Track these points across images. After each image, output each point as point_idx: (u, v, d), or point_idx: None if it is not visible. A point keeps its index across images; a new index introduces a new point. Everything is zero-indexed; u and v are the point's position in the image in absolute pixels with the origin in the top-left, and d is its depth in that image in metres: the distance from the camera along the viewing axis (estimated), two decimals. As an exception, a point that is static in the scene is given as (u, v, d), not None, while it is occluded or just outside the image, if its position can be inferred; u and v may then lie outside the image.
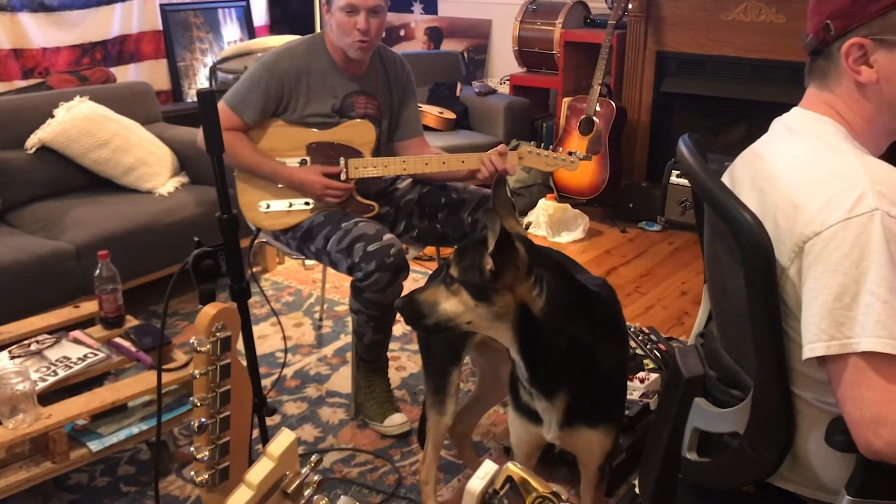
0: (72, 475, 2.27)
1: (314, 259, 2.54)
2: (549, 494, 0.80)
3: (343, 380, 2.82)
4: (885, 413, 1.05)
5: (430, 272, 3.67)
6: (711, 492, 1.46)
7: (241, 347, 1.63)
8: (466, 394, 2.57)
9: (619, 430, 1.75)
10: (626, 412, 2.25)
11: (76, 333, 2.37)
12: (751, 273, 1.16)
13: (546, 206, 4.25)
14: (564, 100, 4.61)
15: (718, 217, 1.24)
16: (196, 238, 1.31)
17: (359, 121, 2.52)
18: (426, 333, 1.78)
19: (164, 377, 2.17)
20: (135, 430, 2.15)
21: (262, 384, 1.95)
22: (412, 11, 5.82)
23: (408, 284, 2.44)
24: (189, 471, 2.22)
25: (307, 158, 2.50)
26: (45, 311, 2.58)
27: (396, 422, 2.49)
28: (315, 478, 0.76)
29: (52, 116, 3.36)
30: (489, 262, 1.42)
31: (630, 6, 4.40)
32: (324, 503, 0.77)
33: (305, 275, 3.74)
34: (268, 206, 2.51)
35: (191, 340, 0.92)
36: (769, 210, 1.19)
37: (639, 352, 2.66)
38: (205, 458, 0.91)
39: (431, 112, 4.62)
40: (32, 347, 2.27)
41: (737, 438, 1.29)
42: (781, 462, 1.23)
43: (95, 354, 2.25)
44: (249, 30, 5.58)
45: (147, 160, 3.44)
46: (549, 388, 1.55)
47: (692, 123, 4.62)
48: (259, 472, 0.71)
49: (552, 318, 1.47)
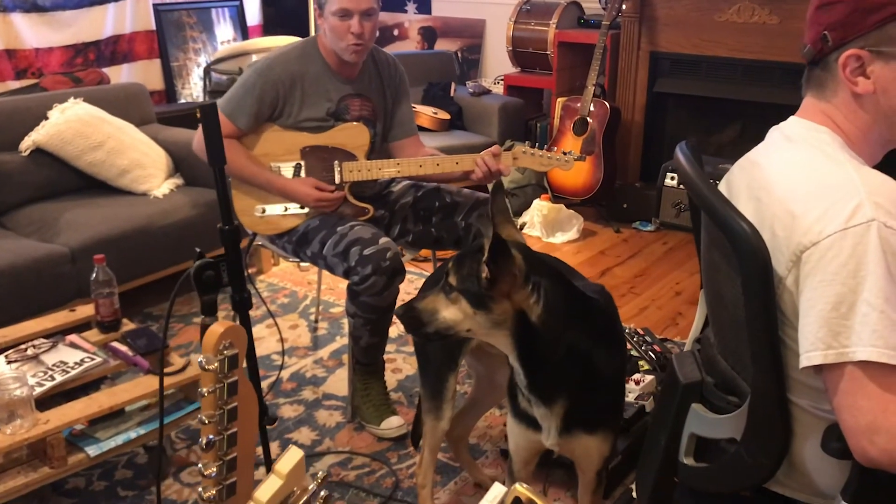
0: (69, 479, 2.27)
1: (310, 263, 2.54)
2: None
3: (339, 382, 2.83)
4: (881, 421, 1.06)
5: (425, 273, 3.70)
6: (708, 496, 1.46)
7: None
8: (462, 396, 2.58)
9: (617, 436, 1.75)
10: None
11: (73, 337, 2.37)
12: (748, 282, 1.17)
13: (540, 207, 4.26)
14: (558, 100, 4.61)
15: (716, 226, 1.25)
16: (198, 249, 1.32)
17: (352, 124, 2.52)
18: (426, 341, 1.78)
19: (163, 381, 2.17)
20: (132, 435, 2.15)
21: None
22: (406, 11, 5.82)
23: (403, 286, 2.45)
24: (197, 488, 2.22)
25: (301, 162, 2.50)
26: (41, 315, 2.59)
27: (393, 425, 2.50)
28: (322, 493, 0.76)
29: (47, 118, 3.35)
30: (485, 270, 1.43)
31: (624, 7, 4.41)
32: None
33: (301, 276, 3.74)
34: (263, 211, 2.51)
35: (199, 360, 0.93)
36: (766, 219, 1.20)
37: (634, 353, 2.67)
38: (212, 475, 0.92)
39: (426, 112, 4.62)
40: (29, 352, 2.26)
41: (734, 444, 1.30)
42: (778, 468, 1.24)
43: (92, 359, 2.25)
44: (243, 29, 5.57)
45: (142, 162, 3.43)
46: (548, 395, 1.56)
47: (686, 124, 4.65)
48: (268, 490, 0.72)
49: (550, 326, 1.48)
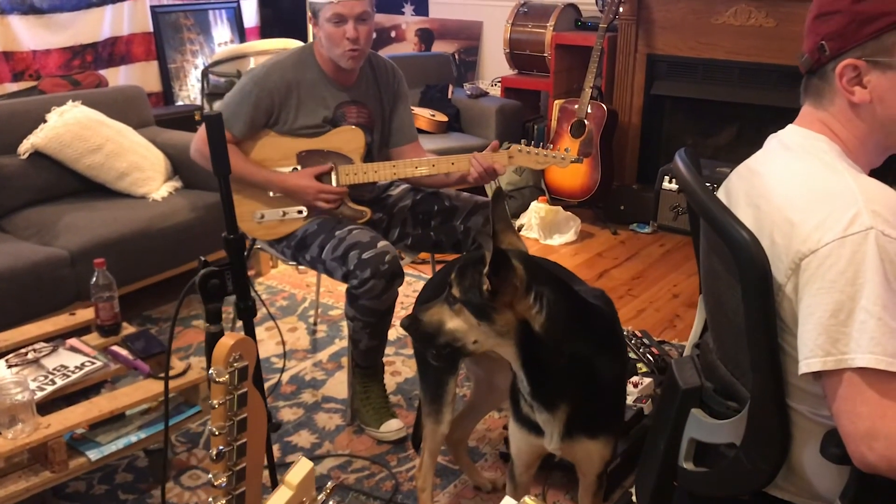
0: (70, 483, 2.27)
1: (309, 267, 2.55)
2: None
3: (339, 385, 2.83)
4: (879, 427, 1.08)
5: (424, 276, 3.70)
6: (707, 501, 1.48)
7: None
8: (461, 399, 2.59)
9: (618, 439, 1.77)
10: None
11: (73, 341, 2.37)
12: (748, 289, 1.18)
13: (538, 209, 4.27)
14: (556, 102, 4.63)
15: (715, 233, 1.26)
16: (202, 257, 1.33)
17: (348, 127, 2.52)
18: (437, 356, 1.76)
19: (162, 385, 2.18)
20: (133, 439, 2.16)
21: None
22: (403, 13, 5.83)
23: (402, 290, 2.46)
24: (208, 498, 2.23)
25: (298, 167, 2.50)
26: (40, 318, 2.59)
27: (393, 427, 2.51)
28: (331, 503, 0.77)
29: (45, 121, 3.35)
30: (485, 282, 1.44)
31: (621, 9, 4.42)
32: None
33: (299, 279, 3.75)
34: (262, 217, 2.52)
35: (209, 372, 0.93)
36: (765, 227, 1.22)
37: (632, 356, 2.68)
38: (222, 485, 0.93)
39: (423, 114, 4.62)
40: (29, 356, 2.27)
41: (733, 449, 1.31)
42: (777, 473, 1.26)
43: (93, 363, 2.25)
44: (240, 31, 5.58)
45: (140, 165, 3.43)
46: (551, 401, 1.58)
47: (682, 126, 4.66)
48: (278, 501, 0.73)
49: (553, 334, 1.49)
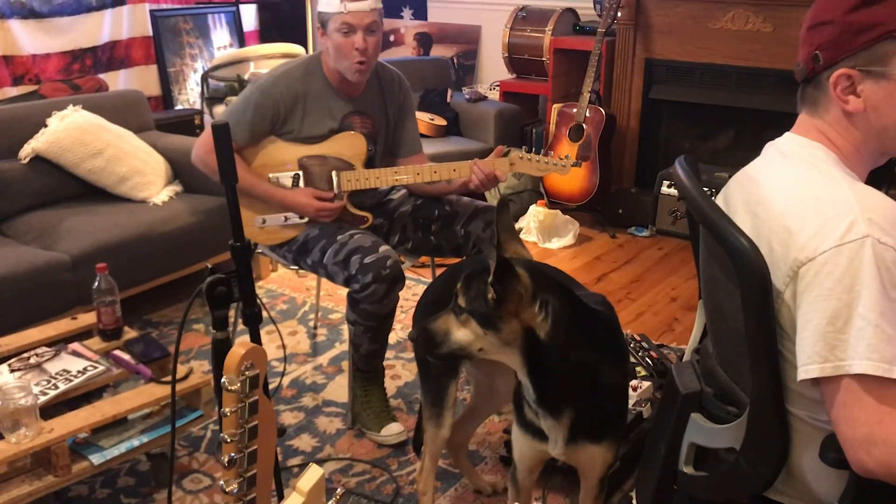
0: (72, 487, 2.28)
1: (311, 272, 2.56)
2: None
3: (339, 389, 2.85)
4: (877, 433, 1.09)
5: (423, 280, 3.72)
6: (707, 504, 1.49)
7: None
8: (461, 403, 2.60)
9: (621, 443, 1.78)
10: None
11: (75, 346, 2.38)
12: (748, 296, 1.20)
13: (537, 213, 4.28)
14: (554, 106, 4.64)
15: (715, 241, 1.27)
16: (209, 265, 1.34)
17: (349, 133, 2.52)
18: (441, 362, 1.79)
19: (165, 389, 2.19)
20: (135, 443, 2.16)
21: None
22: (402, 17, 5.85)
23: (403, 294, 2.47)
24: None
25: (300, 172, 2.51)
26: (42, 323, 2.60)
27: (393, 431, 2.52)
28: (339, 509, 0.79)
29: (46, 126, 3.36)
30: (490, 292, 1.45)
31: (619, 14, 4.44)
32: None
33: (299, 282, 3.76)
34: (263, 222, 2.53)
35: (221, 381, 0.95)
36: (764, 235, 1.23)
37: (630, 359, 2.69)
38: (234, 492, 0.94)
39: (422, 118, 4.64)
40: (32, 360, 2.28)
41: (733, 453, 1.33)
42: (776, 477, 1.27)
43: (95, 367, 2.26)
44: (239, 35, 5.59)
45: (141, 169, 3.44)
46: (556, 407, 1.59)
47: (681, 130, 4.68)
48: (289, 507, 0.74)
49: (559, 342, 1.50)
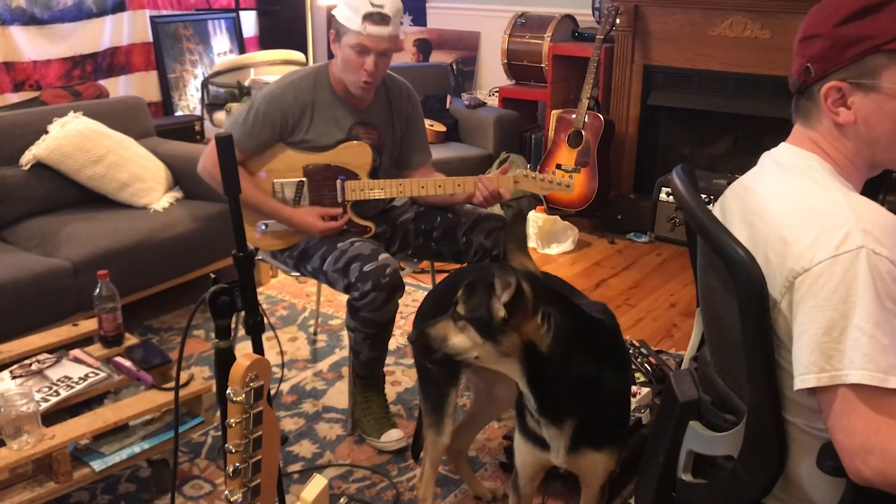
0: (73, 494, 2.29)
1: (311, 278, 2.58)
2: None
3: (339, 395, 2.85)
4: (873, 442, 1.10)
5: (423, 285, 3.73)
6: (706, 511, 1.50)
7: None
8: (461, 409, 2.61)
9: (623, 450, 1.78)
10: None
11: (76, 352, 2.39)
12: (745, 306, 1.21)
13: (536, 218, 4.29)
14: (553, 112, 4.66)
15: (713, 251, 1.29)
16: (212, 274, 1.35)
17: (355, 142, 2.53)
18: (438, 367, 1.81)
19: (166, 396, 2.21)
20: (136, 449, 2.17)
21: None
22: (401, 23, 5.86)
23: (403, 300, 2.48)
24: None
25: (304, 180, 2.52)
26: (43, 329, 2.61)
27: (393, 437, 2.53)
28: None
29: (47, 132, 3.37)
30: (502, 311, 1.46)
31: (618, 21, 4.46)
32: None
33: (299, 288, 3.77)
34: (265, 227, 2.54)
35: (227, 392, 0.96)
36: (760, 245, 1.24)
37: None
38: (238, 501, 0.95)
39: (422, 125, 4.65)
40: (33, 367, 2.29)
41: (731, 461, 1.34)
42: (774, 484, 1.28)
43: (96, 374, 2.27)
44: (239, 41, 5.61)
45: (142, 176, 3.46)
46: (558, 417, 1.60)
47: (679, 136, 4.70)
48: (293, 516, 0.75)
49: (560, 354, 1.51)
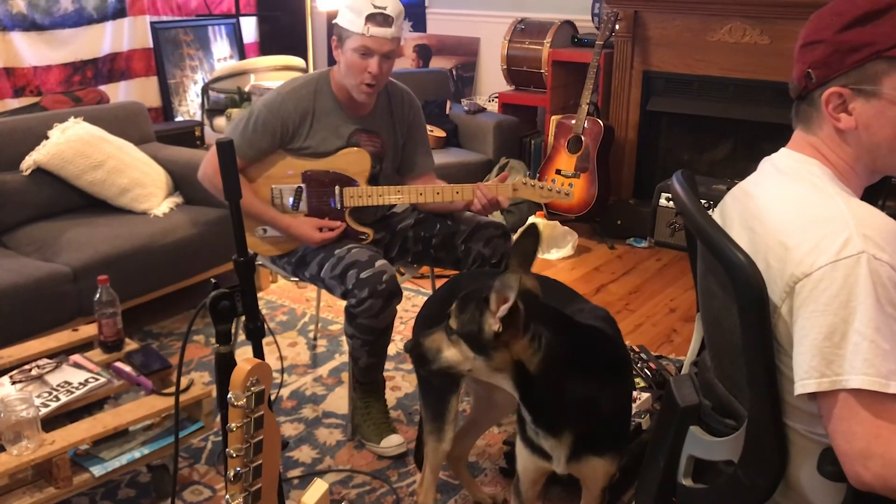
0: (73, 499, 2.28)
1: (310, 283, 2.58)
2: None
3: (339, 400, 2.85)
4: (874, 447, 1.10)
5: (423, 290, 3.73)
6: (706, 516, 1.50)
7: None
8: (461, 414, 2.61)
9: (624, 454, 1.78)
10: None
11: (76, 357, 2.39)
12: (745, 311, 1.21)
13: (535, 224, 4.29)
14: (552, 118, 4.67)
15: (712, 256, 1.29)
16: (213, 279, 1.36)
17: (354, 149, 2.52)
18: (432, 376, 1.81)
19: (166, 401, 2.20)
20: (136, 455, 2.17)
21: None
22: (402, 26, 5.87)
23: (401, 305, 2.48)
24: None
25: (303, 186, 2.52)
26: (42, 334, 2.60)
27: (393, 443, 2.52)
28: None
29: (47, 138, 3.37)
30: (496, 325, 1.45)
31: (617, 27, 4.47)
32: None
33: (299, 294, 3.77)
34: (264, 232, 2.54)
35: (228, 396, 0.96)
36: (760, 250, 1.25)
37: (630, 371, 2.70)
38: (238, 506, 0.96)
39: (422, 130, 4.66)
40: (33, 372, 2.28)
41: (731, 466, 1.34)
42: (774, 489, 1.28)
43: (96, 379, 2.27)
44: (239, 47, 5.62)
45: (142, 181, 3.46)
46: (555, 428, 1.60)
47: (678, 142, 4.71)
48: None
49: (550, 375, 1.50)
